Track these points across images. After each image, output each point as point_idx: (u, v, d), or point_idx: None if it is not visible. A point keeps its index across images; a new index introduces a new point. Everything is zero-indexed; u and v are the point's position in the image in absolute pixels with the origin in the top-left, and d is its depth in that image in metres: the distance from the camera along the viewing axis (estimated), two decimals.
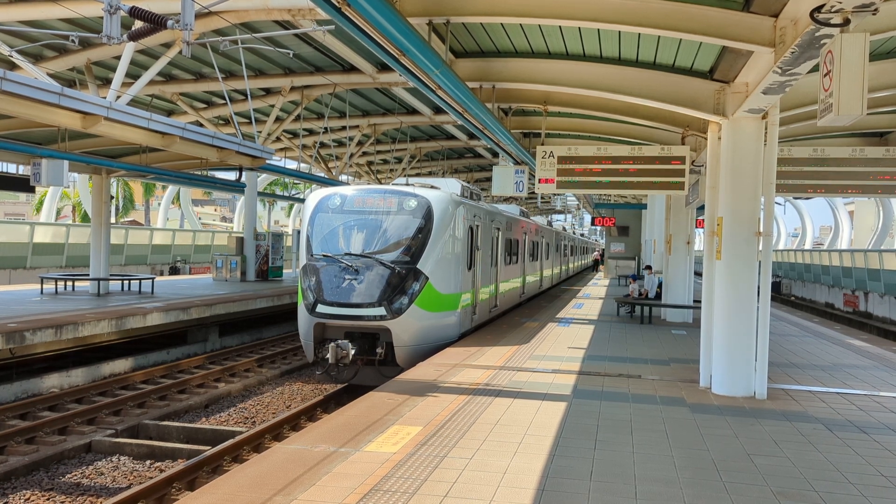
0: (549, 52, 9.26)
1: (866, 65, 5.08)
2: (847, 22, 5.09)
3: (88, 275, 18.19)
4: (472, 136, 22.83)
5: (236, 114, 17.28)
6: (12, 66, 13.49)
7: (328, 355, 10.66)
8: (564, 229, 45.65)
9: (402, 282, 11.21)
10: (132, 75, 14.02)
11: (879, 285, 27.91)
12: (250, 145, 14.14)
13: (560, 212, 56.05)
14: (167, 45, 13.00)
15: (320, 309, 11.14)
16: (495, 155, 24.78)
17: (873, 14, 5.03)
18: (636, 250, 35.23)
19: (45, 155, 12.64)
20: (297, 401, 11.57)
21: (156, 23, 9.00)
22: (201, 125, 18.32)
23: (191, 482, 7.52)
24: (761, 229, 8.22)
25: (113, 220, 30.91)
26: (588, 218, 50.26)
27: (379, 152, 26.64)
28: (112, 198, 26.23)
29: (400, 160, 28.67)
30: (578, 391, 8.46)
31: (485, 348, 11.44)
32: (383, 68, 14.99)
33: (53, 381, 11.67)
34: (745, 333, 8.31)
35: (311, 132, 23.07)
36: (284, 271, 26.70)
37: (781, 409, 7.82)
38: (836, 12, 5.01)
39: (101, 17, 9.52)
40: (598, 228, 53.59)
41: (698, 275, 18.35)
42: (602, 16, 6.86)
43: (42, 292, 17.42)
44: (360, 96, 19.13)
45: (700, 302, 9.90)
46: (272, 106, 17.98)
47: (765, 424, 7.12)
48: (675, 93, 8.70)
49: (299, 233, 13.00)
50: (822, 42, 5.53)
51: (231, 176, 18.45)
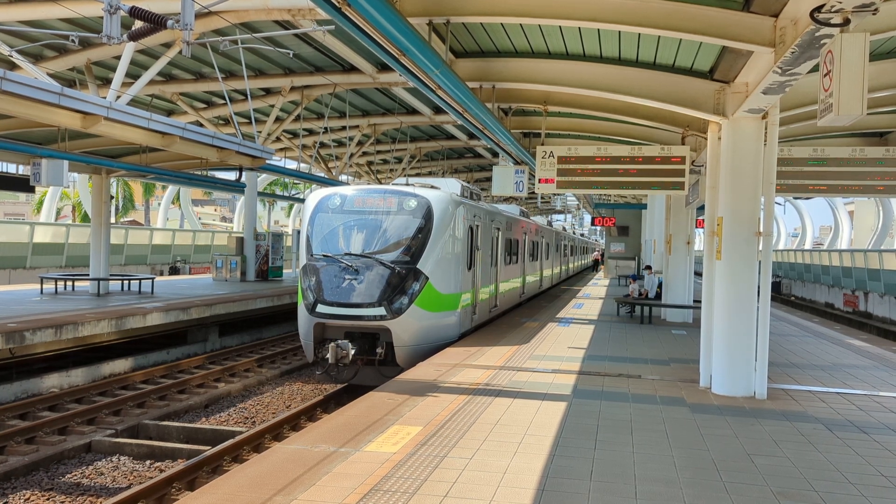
0: (549, 52, 9.26)
1: (866, 65, 5.08)
2: (847, 22, 5.10)
3: (88, 275, 18.19)
4: (472, 136, 22.83)
5: (236, 114, 17.28)
6: (12, 66, 13.50)
7: (328, 355, 10.66)
8: (564, 229, 45.66)
9: (402, 282, 11.21)
10: (132, 75, 14.02)
11: (879, 285, 27.92)
12: (250, 145, 14.14)
13: (560, 212, 56.08)
14: (167, 45, 13.01)
15: (320, 309, 11.14)
16: (495, 155, 24.79)
17: (873, 14, 5.03)
18: (636, 250, 35.23)
19: (45, 155, 12.64)
20: (297, 401, 11.57)
21: (156, 23, 9.00)
22: (201, 125, 18.32)
23: (191, 482, 7.52)
24: (761, 229, 8.23)
25: (113, 220, 30.90)
26: (588, 218, 50.28)
27: (379, 152, 26.65)
28: (112, 198, 26.22)
29: (400, 160, 28.67)
30: (578, 391, 8.46)
31: (485, 348, 11.45)
32: (383, 68, 15.00)
33: (53, 381, 11.67)
34: (745, 333, 8.31)
35: (311, 132, 23.08)
36: (284, 271, 26.70)
37: (781, 409, 7.83)
38: (836, 12, 5.02)
39: (101, 17, 9.52)
40: (598, 228, 53.60)
41: (698, 275, 18.36)
42: (602, 16, 6.87)
43: (42, 292, 17.42)
44: (360, 96, 19.13)
45: (700, 302, 9.90)
46: (272, 106, 17.99)
47: (765, 424, 7.13)
48: (675, 93, 8.70)
49: (299, 233, 13.00)
50: (822, 42, 5.53)
51: (231, 176, 18.45)
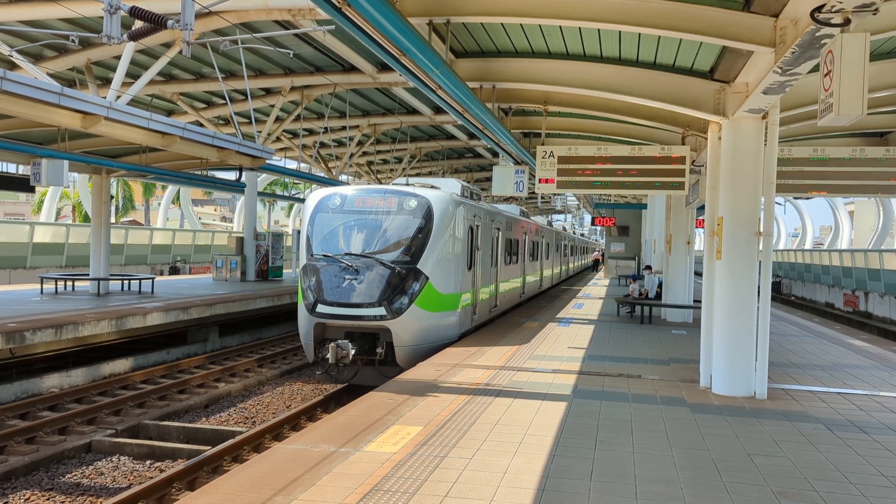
0: (549, 52, 9.26)
1: (866, 65, 5.08)
2: (847, 22, 5.10)
3: (88, 275, 18.19)
4: (472, 136, 22.82)
5: (236, 114, 17.28)
6: (12, 66, 13.49)
7: (328, 355, 10.66)
8: (564, 229, 45.64)
9: (402, 282, 11.21)
10: (132, 75, 14.02)
11: (879, 285, 27.92)
12: (250, 145, 14.14)
13: (560, 212, 56.07)
14: (167, 45, 13.00)
15: (320, 309, 11.14)
16: (495, 155, 24.78)
17: (873, 14, 5.03)
18: (636, 250, 35.23)
19: (45, 155, 12.64)
20: (297, 401, 11.57)
21: (156, 23, 9.00)
22: (201, 125, 18.32)
23: (191, 482, 7.52)
24: (761, 229, 8.23)
25: (113, 220, 30.90)
26: (588, 218, 50.29)
27: (379, 152, 26.64)
28: (112, 198, 26.22)
29: (400, 160, 28.67)
30: (578, 391, 8.46)
31: (485, 348, 11.44)
32: (383, 68, 14.99)
33: (53, 381, 11.67)
34: (746, 333, 8.31)
35: (311, 132, 23.07)
36: (284, 271, 26.70)
37: (782, 408, 7.83)
38: (837, 12, 5.01)
39: (101, 17, 9.52)
40: (598, 228, 53.62)
41: (698, 275, 18.36)
42: (602, 16, 6.86)
43: (42, 292, 17.42)
44: (361, 96, 19.12)
45: (700, 302, 9.90)
46: (272, 106, 17.98)
47: (765, 424, 7.13)
48: (675, 93, 8.70)
49: (299, 233, 13.00)
50: (822, 42, 5.53)
51: (231, 176, 18.45)
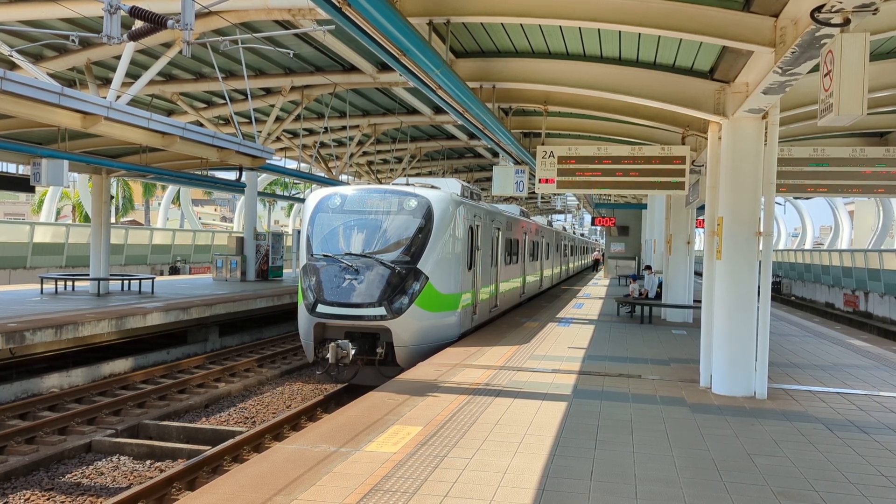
0: (549, 51, 9.26)
1: (866, 65, 5.08)
2: (847, 22, 5.09)
3: (88, 275, 18.19)
4: (472, 136, 22.83)
5: (236, 114, 17.28)
6: (12, 66, 13.49)
7: (328, 355, 10.66)
8: (564, 229, 45.64)
9: (402, 282, 11.21)
10: (132, 75, 14.02)
11: (879, 285, 27.92)
12: (250, 145, 14.14)
13: (560, 212, 56.09)
14: (167, 45, 13.01)
15: (320, 309, 11.14)
16: (495, 155, 24.79)
17: (873, 14, 5.03)
18: (636, 250, 35.23)
19: (45, 155, 12.64)
20: (297, 401, 11.57)
21: (156, 23, 9.00)
22: (201, 125, 18.32)
23: (191, 482, 7.52)
24: (761, 229, 8.23)
25: (113, 220, 30.89)
26: (588, 218, 50.29)
27: (379, 152, 26.64)
28: (112, 198, 26.22)
29: (400, 160, 28.67)
30: (579, 391, 8.46)
31: (485, 348, 11.44)
32: (383, 68, 15.00)
33: (53, 381, 11.67)
34: (746, 333, 8.31)
35: (311, 132, 23.08)
36: (284, 271, 26.70)
37: (782, 408, 7.83)
38: (837, 12, 5.01)
39: (101, 17, 9.52)
40: (598, 228, 53.61)
41: (698, 275, 18.36)
42: (602, 16, 6.86)
43: (42, 292, 17.42)
44: (361, 96, 19.13)
45: (700, 302, 9.90)
46: (272, 106, 17.98)
47: (765, 424, 7.13)
48: (675, 93, 8.70)
49: (299, 233, 12.99)
50: (822, 42, 5.53)
51: (231, 176, 18.45)
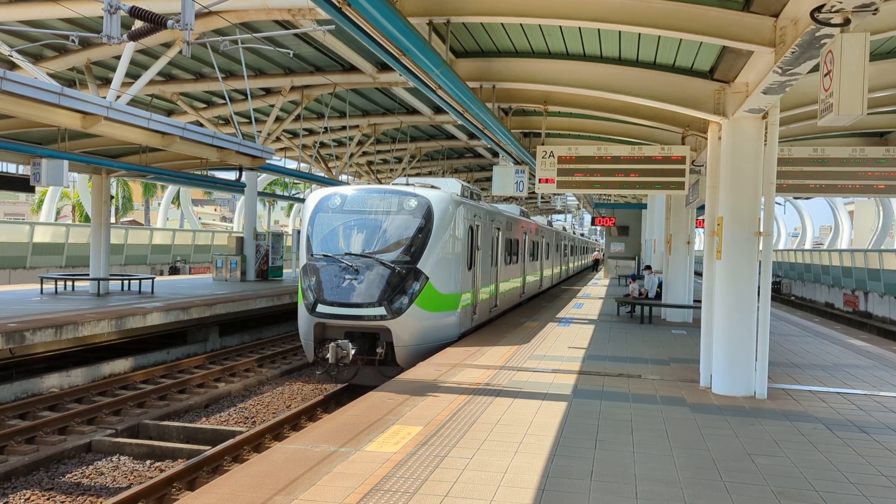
0: (549, 51, 9.26)
1: (866, 65, 5.08)
2: (847, 22, 5.10)
3: (88, 275, 18.19)
4: (472, 136, 22.83)
5: (236, 114, 17.28)
6: (12, 66, 13.50)
7: (328, 355, 10.66)
8: (564, 229, 45.63)
9: (402, 282, 11.21)
10: (132, 75, 14.02)
11: (879, 285, 27.92)
12: (250, 145, 14.14)
13: (560, 212, 56.07)
14: (167, 45, 13.00)
15: (320, 309, 11.14)
16: (495, 155, 24.79)
17: (873, 14, 5.03)
18: (636, 250, 35.23)
19: (45, 155, 12.63)
20: (297, 401, 11.57)
21: (156, 23, 9.00)
22: (201, 125, 18.32)
23: (191, 482, 7.52)
24: (761, 229, 8.23)
25: (112, 220, 30.90)
26: (588, 218, 50.28)
27: (379, 152, 26.65)
28: (112, 198, 26.22)
29: (400, 160, 28.67)
30: (579, 391, 8.46)
31: (485, 348, 11.45)
32: (383, 68, 15.00)
33: (53, 381, 11.67)
34: (746, 333, 8.31)
35: (311, 132, 23.07)
36: (284, 271, 26.70)
37: (782, 408, 7.83)
38: (837, 12, 5.01)
39: (101, 17, 9.52)
40: (598, 228, 53.62)
41: (698, 275, 18.36)
42: (602, 16, 6.86)
43: (42, 292, 17.41)
44: (360, 96, 19.12)
45: (700, 302, 9.90)
46: (272, 106, 17.98)
47: (765, 424, 7.13)
48: (675, 93, 8.70)
49: (299, 233, 12.99)
50: (822, 42, 5.53)
51: (231, 176, 18.45)
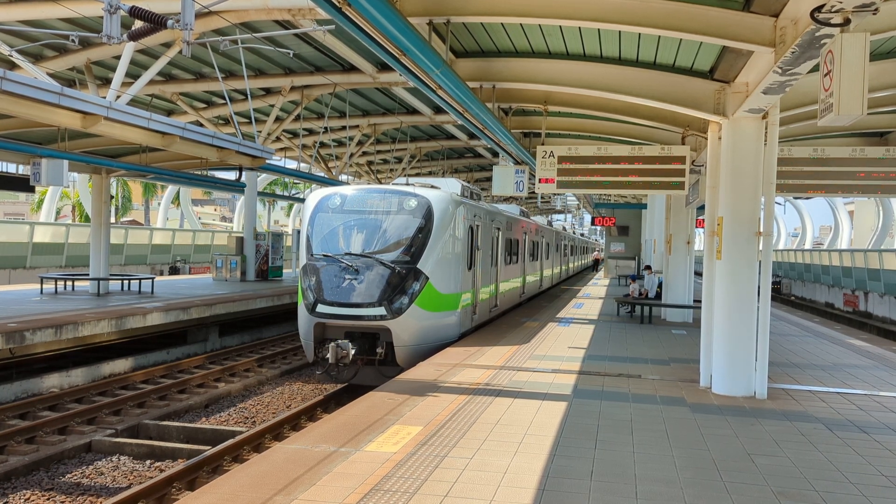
0: (549, 51, 9.26)
1: (866, 65, 5.08)
2: (847, 22, 5.10)
3: (88, 275, 18.19)
4: (472, 136, 22.83)
5: (236, 114, 17.28)
6: (12, 66, 13.50)
7: (328, 355, 10.66)
8: (564, 229, 45.63)
9: (402, 281, 11.21)
10: (132, 75, 14.02)
11: (879, 285, 27.92)
12: (250, 145, 14.14)
13: (560, 212, 56.09)
14: (167, 45, 13.01)
15: (320, 309, 11.14)
16: (495, 155, 24.79)
17: (873, 14, 5.03)
18: (636, 250, 35.23)
19: (45, 155, 12.63)
20: (297, 401, 11.57)
21: (156, 23, 9.00)
22: (201, 125, 18.32)
23: (191, 482, 7.52)
24: (761, 229, 8.23)
25: (112, 220, 30.89)
26: (588, 218, 50.27)
27: (379, 152, 26.65)
28: (112, 198, 26.21)
29: (400, 160, 28.67)
30: (579, 391, 8.46)
31: (485, 348, 11.44)
32: (383, 68, 15.00)
33: (53, 381, 11.66)
34: (746, 333, 8.31)
35: (311, 132, 23.08)
36: (284, 271, 26.70)
37: (782, 408, 7.83)
38: (837, 12, 5.01)
39: (101, 17, 9.53)
40: (598, 228, 53.62)
41: (698, 275, 18.36)
42: (602, 16, 6.86)
43: (42, 292, 17.41)
44: (360, 96, 19.13)
45: (700, 302, 9.90)
46: (272, 106, 17.98)
47: (765, 424, 7.13)
48: (675, 93, 8.70)
49: (299, 233, 12.99)
50: (822, 42, 5.53)
51: (231, 176, 18.44)
